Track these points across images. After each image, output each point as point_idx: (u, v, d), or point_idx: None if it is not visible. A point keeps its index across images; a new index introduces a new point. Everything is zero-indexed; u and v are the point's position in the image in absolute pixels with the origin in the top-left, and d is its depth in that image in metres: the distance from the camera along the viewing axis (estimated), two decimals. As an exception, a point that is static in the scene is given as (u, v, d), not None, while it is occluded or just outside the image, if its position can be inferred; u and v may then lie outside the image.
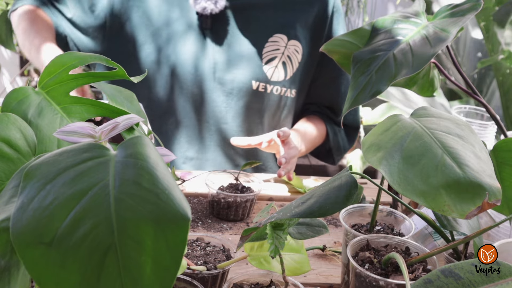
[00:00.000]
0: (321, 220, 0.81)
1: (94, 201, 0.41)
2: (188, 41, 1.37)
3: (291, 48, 1.40)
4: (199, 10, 1.33)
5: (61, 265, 0.39)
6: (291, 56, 1.40)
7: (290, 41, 1.39)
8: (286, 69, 1.40)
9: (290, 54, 1.40)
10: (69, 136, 0.53)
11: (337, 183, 0.66)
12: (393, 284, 0.68)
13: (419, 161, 0.63)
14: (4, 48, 2.78)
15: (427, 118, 0.71)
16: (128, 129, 0.62)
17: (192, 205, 1.15)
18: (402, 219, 0.87)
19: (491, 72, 2.79)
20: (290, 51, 1.40)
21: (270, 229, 0.69)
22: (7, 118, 0.57)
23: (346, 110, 0.86)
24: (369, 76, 0.85)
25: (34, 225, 0.40)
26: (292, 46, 1.40)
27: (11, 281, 0.46)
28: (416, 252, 0.76)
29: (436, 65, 0.96)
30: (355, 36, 0.97)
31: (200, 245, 0.85)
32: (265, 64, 1.39)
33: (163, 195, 0.41)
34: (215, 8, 1.33)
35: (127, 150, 0.45)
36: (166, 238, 0.40)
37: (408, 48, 0.84)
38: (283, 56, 1.39)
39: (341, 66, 1.04)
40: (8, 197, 0.47)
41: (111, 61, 0.65)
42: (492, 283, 0.53)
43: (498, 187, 0.60)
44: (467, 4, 0.86)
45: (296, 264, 0.79)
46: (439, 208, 0.60)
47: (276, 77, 1.40)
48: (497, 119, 0.90)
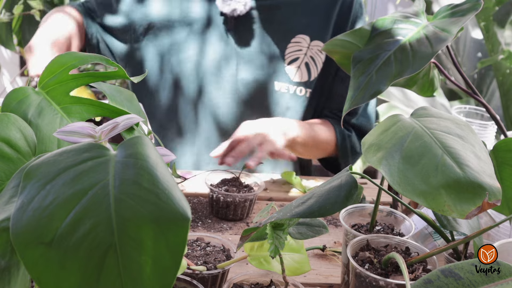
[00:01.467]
0: (321, 220, 0.81)
1: (94, 201, 0.41)
2: (211, 42, 1.37)
3: (314, 49, 1.38)
4: (227, 11, 1.32)
5: (61, 265, 0.39)
6: (314, 56, 1.39)
7: (313, 42, 1.38)
8: (309, 70, 1.39)
9: (313, 55, 1.39)
10: (69, 136, 0.53)
11: (337, 183, 0.66)
12: (393, 284, 0.68)
13: (419, 161, 0.63)
14: (4, 48, 2.77)
15: (427, 118, 0.71)
16: (128, 129, 0.62)
17: (192, 205, 1.15)
18: (402, 219, 0.87)
19: (491, 72, 2.79)
20: (313, 52, 1.39)
21: (270, 229, 0.69)
22: (7, 118, 0.57)
23: (346, 110, 0.86)
24: (369, 76, 0.85)
25: (34, 225, 0.40)
26: (315, 46, 1.38)
27: (11, 281, 0.46)
28: (416, 252, 0.76)
29: (436, 65, 0.96)
30: (355, 36, 0.97)
31: (200, 245, 0.85)
32: (288, 65, 1.38)
33: (163, 195, 0.41)
34: (243, 9, 1.32)
35: (127, 150, 0.45)
36: (166, 238, 0.40)
37: (408, 48, 0.84)
38: (305, 57, 1.38)
39: (341, 66, 1.04)
40: (8, 197, 0.47)
41: (111, 61, 0.65)
42: (492, 283, 0.53)
43: (498, 187, 0.60)
44: (467, 4, 0.86)
45: (296, 264, 0.79)
46: (439, 208, 0.60)
47: (299, 77, 1.39)
48: (497, 119, 0.90)
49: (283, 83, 1.38)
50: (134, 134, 0.62)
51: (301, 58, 1.38)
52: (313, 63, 1.39)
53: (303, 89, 1.40)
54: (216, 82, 1.38)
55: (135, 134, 0.62)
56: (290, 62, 1.38)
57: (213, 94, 1.38)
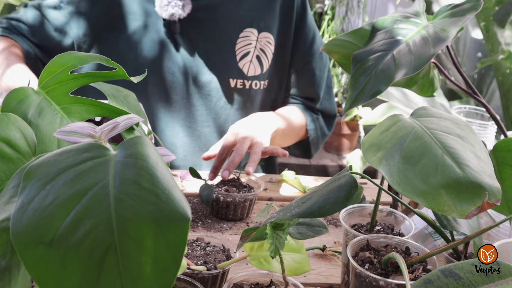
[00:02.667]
0: (321, 220, 0.81)
1: (94, 201, 0.41)
2: (158, 49, 1.35)
3: (263, 41, 1.39)
4: (166, 17, 1.30)
5: (61, 265, 0.39)
6: (264, 48, 1.39)
7: (261, 34, 1.38)
8: (261, 62, 1.40)
9: (263, 47, 1.39)
10: (69, 136, 0.53)
11: (337, 183, 0.66)
12: (393, 284, 0.68)
13: (419, 161, 0.63)
14: (4, 48, 2.77)
15: (427, 118, 0.71)
16: (128, 129, 0.62)
17: (192, 205, 1.15)
18: (402, 219, 0.87)
19: (491, 72, 2.79)
20: (263, 44, 1.39)
21: (270, 229, 0.69)
22: (7, 118, 0.57)
23: (346, 110, 0.86)
24: (369, 76, 0.85)
25: (34, 225, 0.40)
26: (263, 38, 1.39)
27: (11, 281, 0.46)
28: (416, 252, 0.76)
29: (436, 65, 0.96)
30: (355, 36, 0.97)
31: (200, 245, 0.85)
32: (240, 61, 1.38)
33: (163, 195, 0.41)
34: (182, 12, 1.30)
35: (127, 150, 0.45)
36: (166, 238, 0.40)
37: (408, 48, 0.84)
38: (256, 50, 1.38)
39: (341, 66, 1.04)
40: (8, 197, 0.47)
41: (111, 61, 0.65)
42: (492, 283, 0.53)
43: (498, 187, 0.60)
44: (467, 4, 0.86)
45: (296, 264, 0.79)
46: (439, 208, 0.60)
47: (253, 71, 1.39)
48: (497, 119, 0.90)
49: (237, 79, 1.38)
50: (134, 134, 0.62)
51: (251, 52, 1.38)
52: (264, 55, 1.39)
53: (258, 82, 1.41)
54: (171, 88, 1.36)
55: (135, 134, 0.62)
56: (242, 58, 1.38)
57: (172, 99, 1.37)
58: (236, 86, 1.39)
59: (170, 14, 1.30)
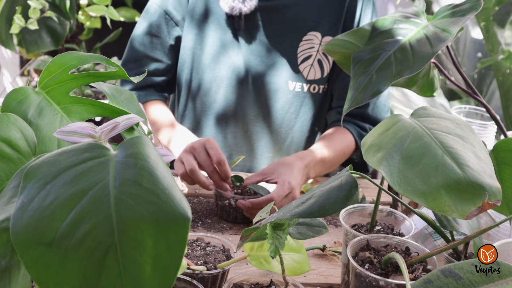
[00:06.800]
0: (321, 220, 0.81)
1: (94, 201, 0.41)
2: (220, 44, 1.37)
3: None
4: (227, 10, 1.33)
5: (61, 265, 0.39)
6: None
7: (324, 38, 1.37)
8: (322, 66, 1.39)
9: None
10: (69, 136, 0.53)
11: (337, 183, 0.66)
12: (393, 284, 0.68)
13: (419, 161, 0.63)
14: (4, 48, 2.77)
15: (427, 118, 0.71)
16: (128, 129, 0.62)
17: (192, 205, 1.15)
18: (402, 219, 0.87)
19: (491, 72, 2.79)
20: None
21: (270, 229, 0.69)
22: (7, 118, 0.57)
23: (346, 110, 0.86)
24: (369, 76, 0.85)
25: (34, 225, 0.40)
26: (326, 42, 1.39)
27: (11, 281, 0.46)
28: (416, 252, 0.76)
29: (436, 65, 0.96)
30: (355, 36, 0.97)
31: (200, 245, 0.85)
32: (301, 64, 1.37)
33: (163, 195, 0.41)
34: (243, 7, 1.32)
35: (127, 150, 0.45)
36: (166, 238, 0.40)
37: (408, 48, 0.84)
38: (318, 54, 1.37)
39: (341, 66, 1.04)
40: (8, 197, 0.47)
41: (111, 61, 0.65)
42: (492, 283, 0.53)
43: (498, 187, 0.60)
44: (467, 4, 0.86)
45: (296, 264, 0.79)
46: (440, 209, 0.60)
47: (313, 75, 1.39)
48: (497, 119, 0.90)
49: (297, 82, 1.38)
50: (134, 134, 0.62)
51: (313, 56, 1.38)
52: (325, 59, 1.39)
53: (316, 86, 1.40)
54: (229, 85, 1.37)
55: (135, 134, 0.62)
56: (303, 61, 1.38)
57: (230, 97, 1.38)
58: (295, 89, 1.38)
59: (230, 8, 1.32)
